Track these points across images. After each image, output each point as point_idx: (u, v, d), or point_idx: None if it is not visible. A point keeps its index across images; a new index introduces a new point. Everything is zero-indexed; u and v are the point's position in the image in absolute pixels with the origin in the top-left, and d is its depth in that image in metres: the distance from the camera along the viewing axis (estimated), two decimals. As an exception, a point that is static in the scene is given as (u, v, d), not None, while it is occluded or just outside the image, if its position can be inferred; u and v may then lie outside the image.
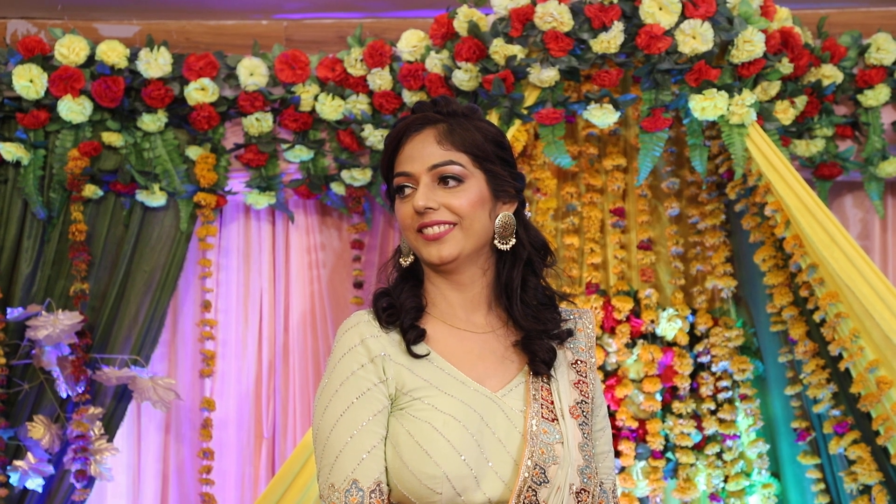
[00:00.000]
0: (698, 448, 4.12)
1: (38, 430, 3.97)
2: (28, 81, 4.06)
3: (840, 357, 3.78)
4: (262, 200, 4.23)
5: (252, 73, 4.12)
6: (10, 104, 4.11)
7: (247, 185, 4.23)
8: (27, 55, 4.09)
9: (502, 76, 3.76)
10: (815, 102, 4.13)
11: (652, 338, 4.14)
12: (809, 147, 4.15)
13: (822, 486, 4.00)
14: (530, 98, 3.79)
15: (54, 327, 3.91)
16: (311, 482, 3.56)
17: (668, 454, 4.11)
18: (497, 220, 2.01)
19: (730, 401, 4.12)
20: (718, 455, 4.12)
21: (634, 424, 4.07)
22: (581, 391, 2.04)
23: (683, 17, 3.72)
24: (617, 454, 3.98)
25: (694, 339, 4.17)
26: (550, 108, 3.78)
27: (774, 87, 3.90)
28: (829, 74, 4.12)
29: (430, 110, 2.04)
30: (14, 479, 3.96)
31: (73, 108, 4.07)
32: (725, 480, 4.11)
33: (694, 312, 4.18)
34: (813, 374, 3.87)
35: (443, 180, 1.98)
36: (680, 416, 4.10)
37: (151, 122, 4.13)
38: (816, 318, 3.81)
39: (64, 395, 4.04)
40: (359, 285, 4.30)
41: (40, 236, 4.14)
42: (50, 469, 3.99)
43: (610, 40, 3.71)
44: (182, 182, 4.16)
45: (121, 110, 4.13)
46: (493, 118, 3.79)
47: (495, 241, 2.02)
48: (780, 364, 4.07)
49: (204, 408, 4.22)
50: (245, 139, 4.19)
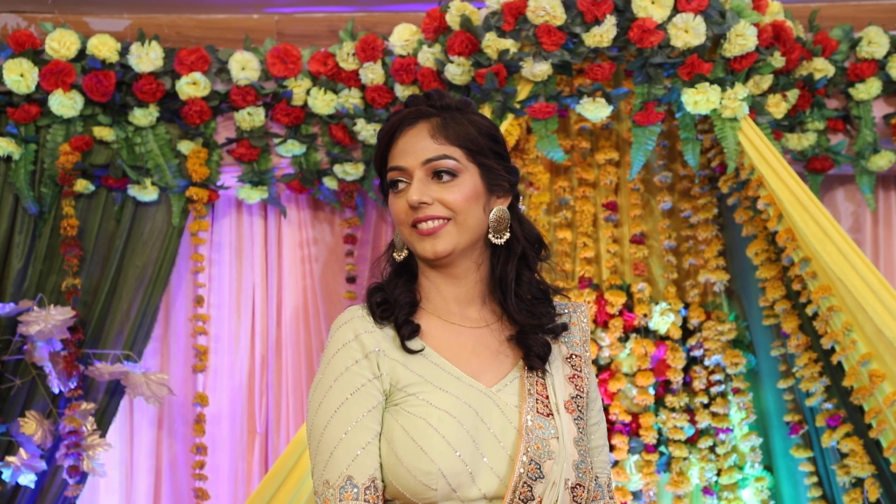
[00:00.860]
0: (691, 442, 4.13)
1: (31, 426, 3.96)
2: (19, 76, 4.04)
3: (832, 350, 3.78)
4: (254, 195, 4.22)
5: (244, 67, 4.11)
6: (0, 99, 4.09)
7: (239, 179, 4.22)
8: (18, 49, 4.07)
9: (495, 70, 3.75)
10: (807, 96, 4.12)
11: (645, 332, 4.14)
12: (801, 141, 4.15)
13: (815, 479, 4.01)
14: (523, 92, 3.78)
15: (46, 323, 3.90)
16: (305, 478, 3.55)
17: (662, 448, 4.12)
18: (491, 215, 2.00)
19: (722, 394, 4.13)
20: (711, 449, 4.12)
21: (627, 418, 4.07)
22: (576, 385, 2.04)
23: (676, 10, 3.72)
24: (610, 448, 3.98)
25: (686, 332, 4.18)
26: (543, 102, 3.77)
27: (766, 81, 3.90)
28: (821, 68, 4.12)
29: (423, 104, 2.04)
30: (6, 475, 3.95)
31: (65, 103, 4.05)
32: (718, 474, 4.12)
33: (686, 306, 4.18)
34: (805, 368, 3.88)
35: (437, 175, 1.97)
36: (673, 409, 4.10)
37: (143, 116, 4.12)
38: (809, 311, 3.82)
39: (56, 391, 4.02)
40: (351, 280, 4.29)
41: (32, 231, 4.12)
42: (42, 465, 3.98)
43: (602, 34, 3.71)
44: (174, 177, 4.15)
45: (112, 105, 4.12)
46: (486, 112, 3.79)
47: (489, 236, 2.01)
48: (773, 357, 4.08)
49: (197, 403, 4.21)
50: (237, 134, 4.18)
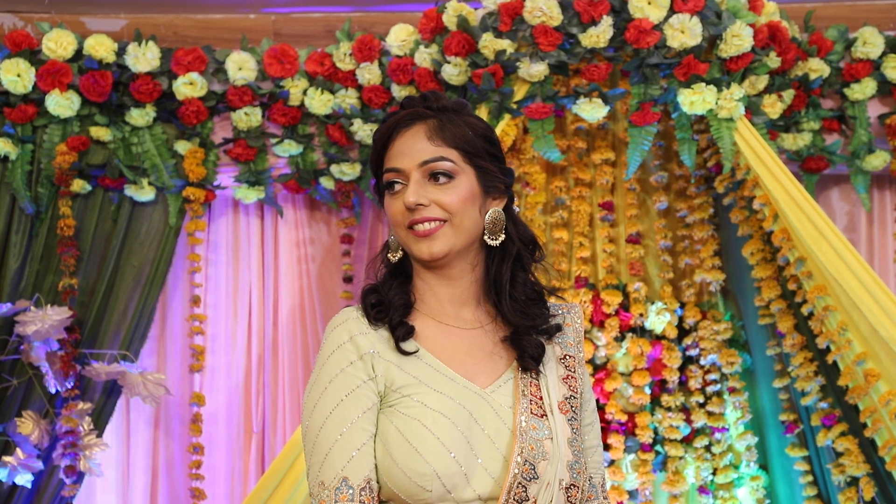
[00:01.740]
0: (687, 441, 4.13)
1: (27, 426, 3.96)
2: (15, 76, 4.05)
3: (828, 350, 3.79)
4: (251, 195, 4.23)
5: (241, 67, 4.12)
6: (-3, 99, 4.11)
7: (236, 179, 4.22)
8: (14, 49, 4.07)
9: (492, 70, 3.76)
10: (802, 96, 4.13)
11: (641, 331, 4.15)
12: (796, 141, 4.15)
13: (810, 478, 4.02)
14: (520, 92, 3.79)
15: (43, 323, 3.90)
16: (301, 479, 3.56)
17: (658, 447, 4.13)
18: (487, 216, 2.01)
19: (718, 394, 4.14)
20: (707, 448, 4.13)
21: (623, 418, 4.08)
22: (570, 386, 2.05)
23: (672, 11, 3.73)
24: (606, 447, 4.00)
25: (682, 332, 4.18)
26: (540, 102, 3.78)
27: (762, 81, 3.91)
28: (816, 68, 4.13)
29: (419, 105, 2.04)
30: (3, 475, 3.95)
31: (61, 103, 4.06)
32: (714, 473, 4.13)
33: (682, 306, 4.19)
34: (801, 367, 3.89)
35: (433, 176, 1.98)
36: (669, 409, 4.11)
37: (140, 116, 4.12)
38: (804, 311, 3.83)
39: (53, 391, 4.03)
40: (348, 280, 4.30)
41: (28, 231, 4.13)
42: (39, 465, 3.98)
43: (599, 35, 3.71)
44: (171, 177, 4.15)
45: (109, 105, 4.12)
46: (483, 113, 3.80)
47: (485, 237, 2.01)
48: (768, 357, 4.09)
49: (194, 403, 4.21)
50: (234, 134, 4.19)
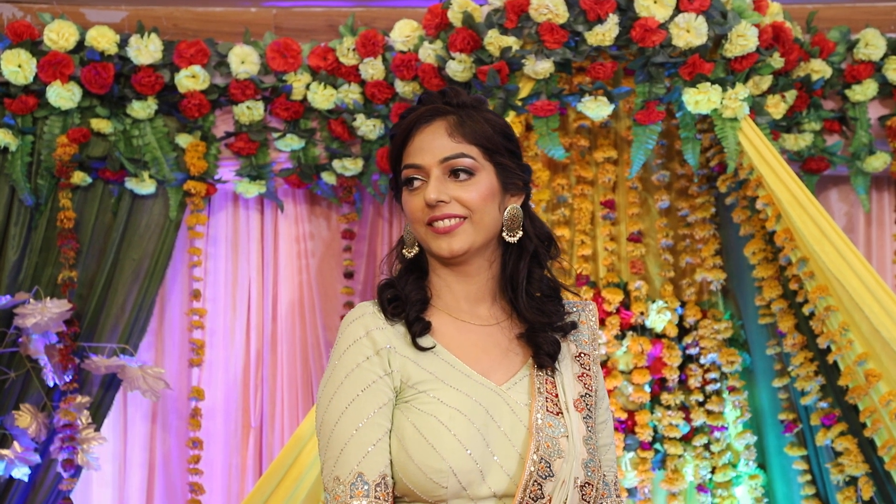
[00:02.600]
0: (686, 439, 4.14)
1: (25, 419, 3.94)
2: (16, 67, 4.03)
3: (828, 350, 3.80)
4: (252, 189, 4.21)
5: (243, 60, 4.10)
6: (-2, 89, 4.08)
7: (237, 173, 4.21)
8: (16, 40, 4.05)
9: (497, 67, 3.75)
10: (804, 97, 4.14)
11: (641, 329, 4.15)
12: (798, 141, 4.16)
13: (809, 477, 4.03)
14: (525, 90, 3.79)
15: (42, 315, 3.88)
16: (303, 476, 3.55)
17: (657, 445, 4.13)
18: (505, 213, 2.00)
19: (718, 392, 4.14)
20: (706, 446, 4.14)
21: (623, 416, 4.09)
22: (585, 384, 2.04)
23: (678, 10, 3.73)
24: (608, 446, 3.99)
25: (683, 331, 4.19)
26: (545, 100, 3.78)
27: (766, 82, 3.92)
28: (818, 69, 4.14)
29: (439, 101, 2.02)
30: (0, 468, 3.94)
31: (62, 94, 4.04)
32: (713, 471, 4.14)
33: (683, 304, 4.19)
34: (801, 367, 3.90)
35: (454, 173, 1.97)
36: (668, 407, 4.12)
37: (141, 109, 4.10)
38: (805, 311, 3.84)
39: (51, 384, 4.01)
40: (349, 275, 4.29)
41: (28, 223, 4.11)
42: (36, 458, 3.97)
43: (605, 33, 3.71)
44: (171, 170, 4.14)
45: (110, 97, 4.11)
46: (487, 110, 3.78)
47: (503, 234, 2.01)
48: (767, 356, 4.09)
49: (193, 397, 4.20)
50: (235, 127, 4.17)
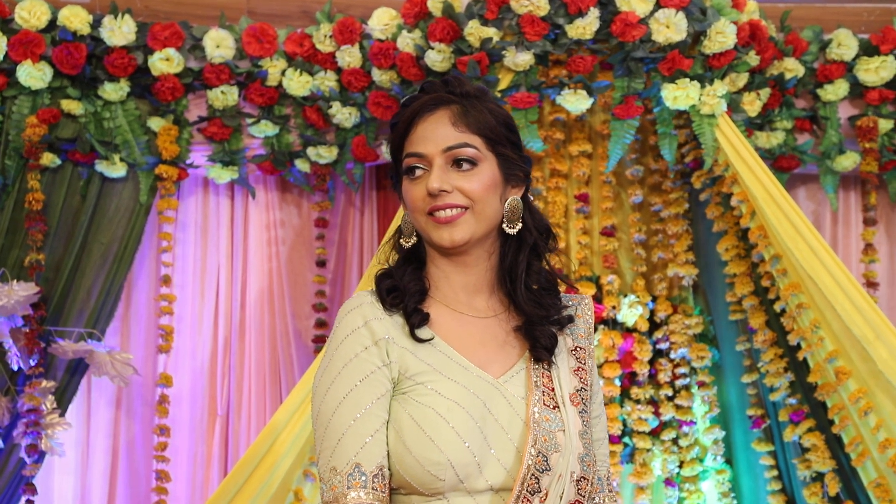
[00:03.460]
0: (655, 434, 4.16)
1: (-12, 403, 3.88)
2: (-14, 45, 3.95)
3: (798, 347, 3.84)
4: (224, 175, 4.17)
5: (219, 45, 4.05)
6: (-33, 68, 4.00)
7: (209, 158, 4.16)
8: (-15, 18, 3.98)
9: (477, 58, 3.74)
10: (777, 95, 4.18)
11: (613, 323, 4.16)
12: (770, 139, 4.20)
13: (775, 472, 4.07)
14: (504, 81, 3.78)
15: (9, 298, 3.82)
16: (276, 466, 3.52)
17: (626, 439, 4.15)
18: (506, 204, 2.00)
19: (687, 387, 4.17)
20: (674, 441, 4.16)
21: (593, 409, 4.09)
22: (580, 378, 2.04)
23: (658, 6, 3.75)
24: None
25: (653, 325, 4.20)
26: (524, 92, 3.77)
27: (742, 79, 3.94)
28: (792, 68, 4.17)
29: (442, 90, 2.01)
30: (-38, 452, 3.88)
31: (33, 74, 3.97)
32: (680, 466, 4.16)
33: (654, 299, 4.21)
34: (771, 363, 3.94)
35: (456, 163, 1.95)
36: (638, 401, 4.13)
37: (113, 91, 4.04)
38: (777, 307, 3.87)
39: (15, 368, 3.95)
40: (321, 264, 4.26)
41: (-5, 205, 4.04)
42: (-1, 443, 3.91)
43: (585, 26, 3.71)
44: (142, 153, 4.08)
45: (82, 78, 4.04)
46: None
47: (503, 225, 2.00)
48: (736, 352, 4.12)
49: (161, 384, 4.14)
50: (209, 112, 4.13)
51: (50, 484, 4.17)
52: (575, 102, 3.81)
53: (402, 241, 2.04)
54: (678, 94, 3.77)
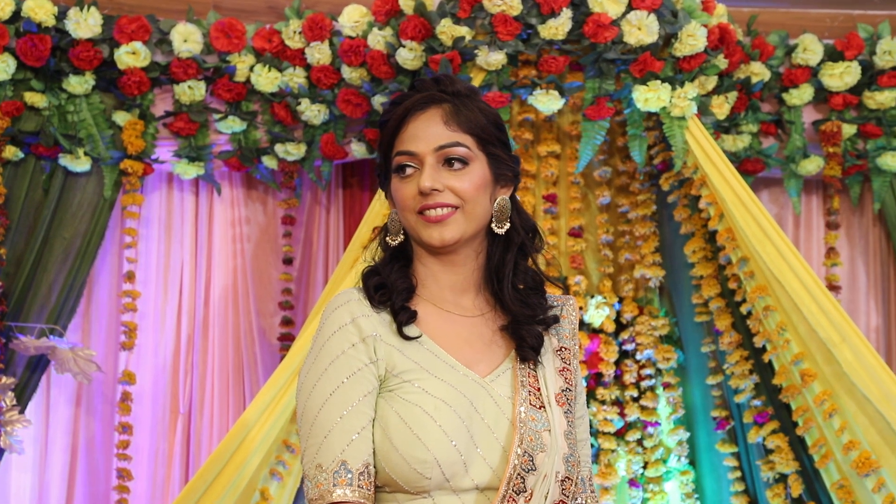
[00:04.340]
0: (620, 434, 4.17)
1: (-53, 400, 3.81)
2: (-52, 35, 3.88)
3: (764, 349, 3.87)
4: (190, 171, 4.13)
5: (186, 39, 4.01)
6: (-73, 59, 3.92)
7: (175, 154, 4.12)
8: (-53, 7, 3.90)
9: (449, 57, 3.73)
10: (743, 99, 4.21)
11: (580, 324, 4.17)
12: (736, 142, 4.23)
13: (738, 473, 4.10)
14: (476, 80, 3.77)
15: (-30, 293, 3.76)
16: (245, 464, 3.49)
17: (591, 440, 4.15)
18: (495, 204, 2.00)
19: (652, 389, 4.19)
20: (639, 442, 4.18)
21: (560, 409, 4.09)
22: (566, 379, 2.04)
23: (630, 7, 3.76)
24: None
25: (620, 326, 4.22)
26: (497, 91, 3.77)
27: (711, 82, 3.97)
28: (758, 72, 4.21)
29: (433, 89, 2.00)
30: (-82, 450, 3.80)
31: (-4, 66, 3.90)
32: (645, 467, 4.18)
33: (621, 300, 4.23)
34: (736, 365, 3.96)
35: (448, 162, 1.95)
36: (603, 402, 4.14)
37: (78, 84, 3.99)
38: (743, 310, 3.90)
39: (-26, 364, 3.88)
40: (288, 261, 4.23)
41: (-45, 198, 3.97)
42: (-42, 440, 3.84)
43: (558, 27, 3.72)
44: (107, 148, 4.03)
45: (46, 70, 3.98)
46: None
47: (492, 225, 2.00)
48: (701, 354, 4.15)
49: (124, 381, 4.09)
50: (175, 107, 4.08)
51: (7, 481, 4.11)
52: (547, 103, 3.82)
53: (388, 238, 2.02)
54: (649, 96, 3.79)
